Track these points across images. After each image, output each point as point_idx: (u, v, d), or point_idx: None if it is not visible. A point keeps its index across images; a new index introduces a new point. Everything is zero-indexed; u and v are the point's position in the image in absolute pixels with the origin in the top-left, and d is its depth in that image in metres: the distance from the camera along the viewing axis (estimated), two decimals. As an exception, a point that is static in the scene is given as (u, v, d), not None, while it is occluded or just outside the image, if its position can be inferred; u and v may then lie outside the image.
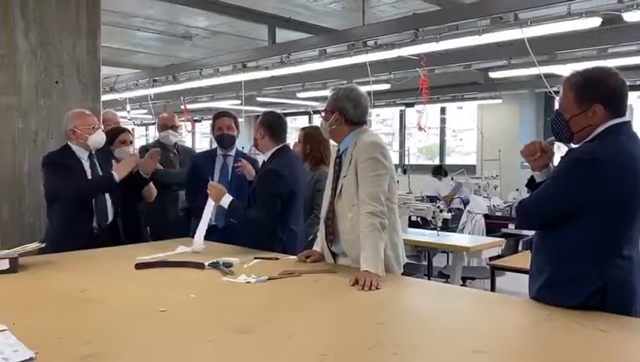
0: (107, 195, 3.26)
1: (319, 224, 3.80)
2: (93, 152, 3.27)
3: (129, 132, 3.82)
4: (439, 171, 8.79)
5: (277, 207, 3.00)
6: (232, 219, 3.13)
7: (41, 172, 3.23)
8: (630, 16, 4.02)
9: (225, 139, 3.69)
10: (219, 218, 3.62)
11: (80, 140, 3.19)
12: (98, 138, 3.23)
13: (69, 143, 3.23)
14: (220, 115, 3.79)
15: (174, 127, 4.28)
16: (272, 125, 3.16)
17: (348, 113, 2.59)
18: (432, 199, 7.41)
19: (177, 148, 4.30)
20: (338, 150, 2.68)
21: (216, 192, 3.02)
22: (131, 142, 4.16)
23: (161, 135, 4.24)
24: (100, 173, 3.26)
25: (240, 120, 3.95)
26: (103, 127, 3.48)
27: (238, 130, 3.77)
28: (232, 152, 3.75)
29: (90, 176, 3.22)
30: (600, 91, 1.95)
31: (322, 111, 2.72)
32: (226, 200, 3.00)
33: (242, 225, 3.12)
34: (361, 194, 2.47)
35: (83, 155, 3.22)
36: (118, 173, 3.20)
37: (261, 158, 3.36)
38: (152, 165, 3.38)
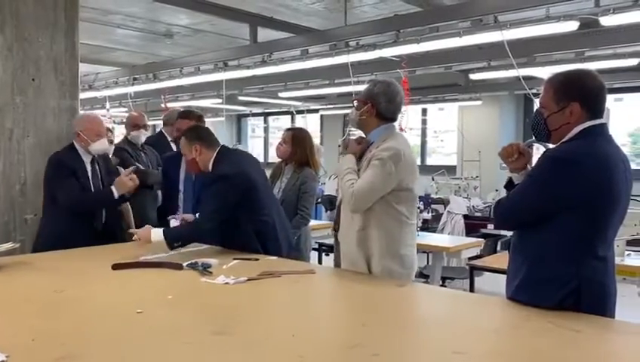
0: None
1: (306, 225, 3.81)
2: (96, 157, 3.34)
3: (110, 130, 3.78)
4: None
5: (225, 213, 2.87)
6: (175, 245, 2.83)
7: (46, 169, 3.25)
8: (607, 21, 4.08)
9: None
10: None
11: (83, 144, 3.28)
12: (100, 147, 3.32)
13: (74, 144, 3.31)
14: (180, 117, 3.79)
15: (145, 127, 4.28)
16: (200, 135, 3.04)
17: (380, 106, 2.60)
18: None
19: (144, 147, 4.26)
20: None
21: (144, 235, 2.79)
22: (112, 142, 4.12)
23: (133, 134, 4.19)
24: (100, 180, 3.33)
25: (220, 119, 3.93)
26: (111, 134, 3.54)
27: None
28: None
29: (91, 181, 3.28)
30: (578, 90, 1.97)
31: (355, 99, 2.70)
32: (157, 234, 2.77)
33: (196, 239, 3.02)
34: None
35: (87, 159, 3.30)
36: (118, 190, 3.23)
37: None
38: (130, 185, 3.26)
